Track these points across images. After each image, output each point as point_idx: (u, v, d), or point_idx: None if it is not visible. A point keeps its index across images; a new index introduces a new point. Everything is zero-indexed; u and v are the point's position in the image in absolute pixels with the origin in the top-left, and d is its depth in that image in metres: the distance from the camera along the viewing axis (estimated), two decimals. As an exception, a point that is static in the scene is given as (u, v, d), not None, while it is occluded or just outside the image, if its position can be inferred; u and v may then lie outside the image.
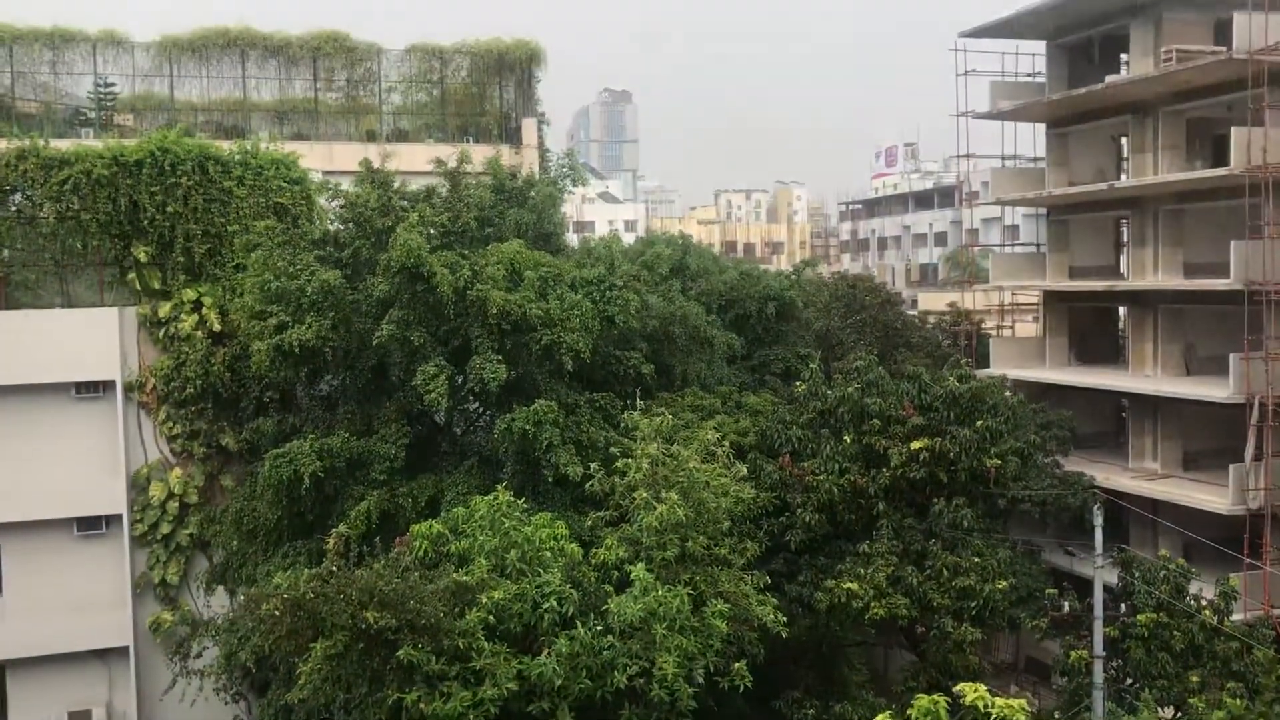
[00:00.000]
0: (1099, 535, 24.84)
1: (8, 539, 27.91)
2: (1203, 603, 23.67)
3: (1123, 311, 38.08)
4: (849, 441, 26.30)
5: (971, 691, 14.21)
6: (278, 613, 18.03)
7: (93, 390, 28.29)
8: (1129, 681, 23.64)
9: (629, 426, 22.81)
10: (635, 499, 20.33)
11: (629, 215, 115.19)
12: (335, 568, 19.12)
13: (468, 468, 25.17)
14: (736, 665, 19.11)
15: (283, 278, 24.81)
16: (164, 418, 28.63)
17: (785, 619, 20.98)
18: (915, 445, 25.48)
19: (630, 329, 26.37)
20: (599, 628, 18.09)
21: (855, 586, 23.85)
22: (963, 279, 44.70)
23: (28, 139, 28.07)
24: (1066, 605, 25.08)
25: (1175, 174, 31.65)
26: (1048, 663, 28.21)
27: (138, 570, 28.56)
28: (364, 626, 17.45)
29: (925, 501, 25.91)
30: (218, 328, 28.34)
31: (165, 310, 28.46)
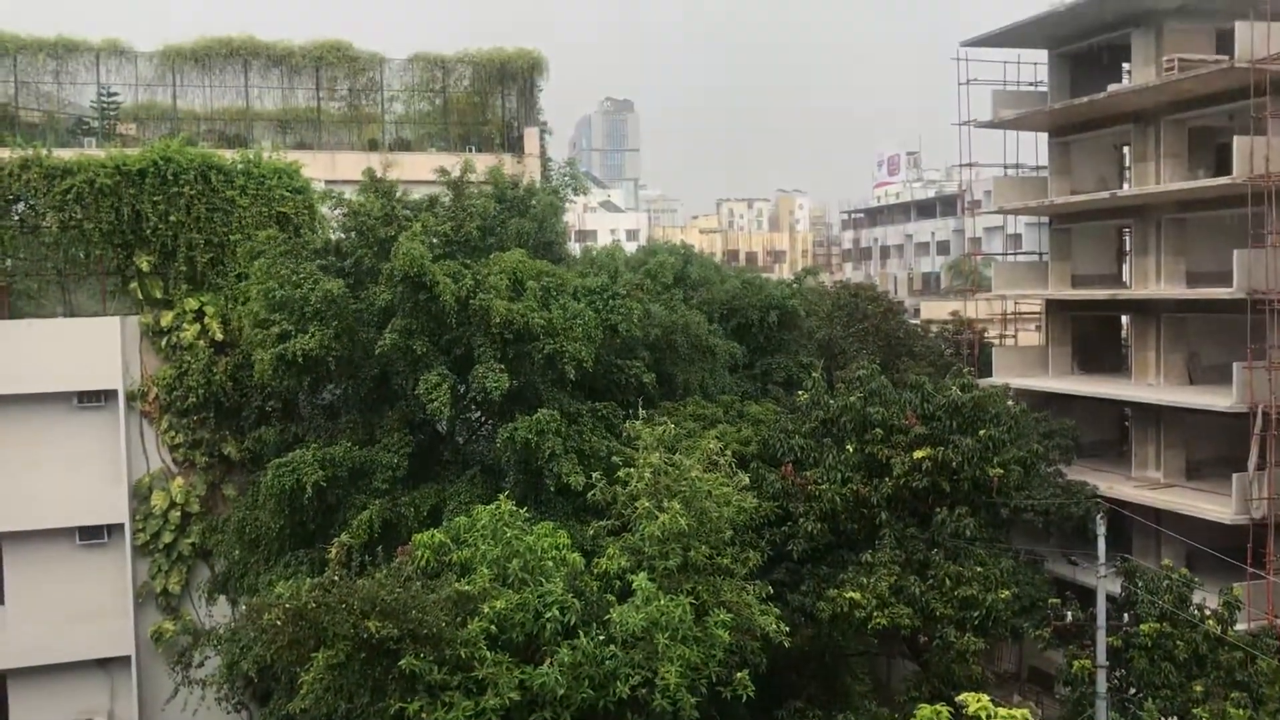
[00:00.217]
0: (1102, 545, 24.79)
1: (10, 548, 27.91)
2: (1206, 612, 23.62)
3: (1125, 320, 38.05)
4: (851, 451, 26.29)
5: (974, 701, 14.21)
6: (280, 622, 18.03)
7: (95, 399, 28.30)
8: (1132, 691, 23.57)
9: (631, 436, 22.80)
10: (637, 508, 20.32)
11: (631, 224, 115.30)
12: (337, 577, 19.13)
13: (470, 477, 25.15)
14: (739, 675, 19.07)
15: (286, 286, 24.83)
16: (166, 427, 28.64)
17: (788, 628, 20.96)
18: (918, 454, 25.47)
19: (633, 338, 26.38)
20: (601, 637, 18.07)
21: (858, 596, 23.82)
22: (965, 287, 44.74)
23: (31, 148, 28.12)
24: (1069, 615, 25.05)
25: (1177, 183, 31.65)
26: (1051, 672, 28.15)
27: (139, 579, 28.55)
28: (366, 636, 17.44)
29: (928, 511, 25.88)
30: (220, 337, 28.36)
31: (167, 319, 28.49)
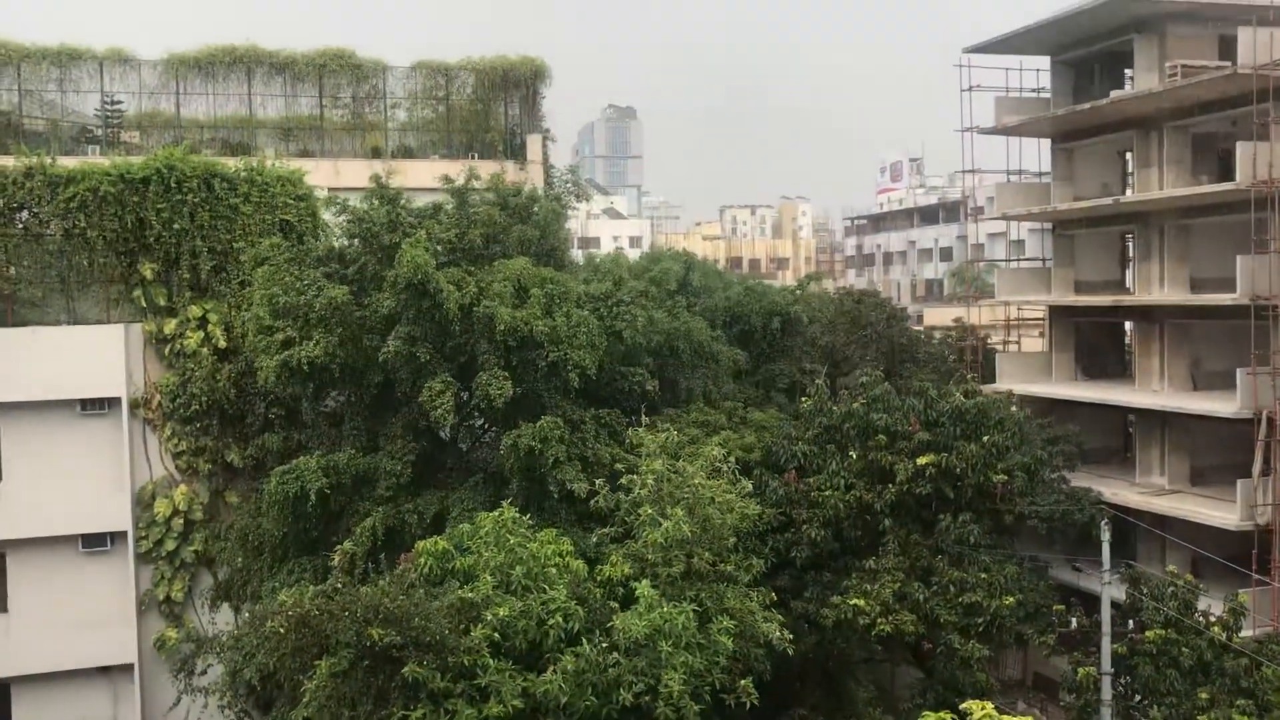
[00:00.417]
0: (1106, 551, 24.76)
1: (14, 556, 27.91)
2: (1211, 619, 23.56)
3: (1129, 326, 38.02)
4: (855, 457, 26.27)
5: (979, 708, 14.17)
6: (283, 630, 18.02)
7: (98, 407, 28.33)
8: (1137, 698, 23.52)
9: (634, 443, 22.80)
10: (640, 515, 20.33)
11: (634, 231, 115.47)
12: (340, 584, 19.13)
13: (473, 484, 25.14)
14: (742, 682, 19.05)
15: (290, 293, 24.85)
16: (169, 434, 28.65)
17: (791, 635, 20.95)
18: (921, 461, 25.44)
19: (636, 345, 26.39)
20: (604, 645, 18.04)
21: (861, 603, 23.79)
22: (968, 294, 44.68)
23: (35, 156, 28.18)
24: (1074, 621, 24.99)
25: (1180, 189, 31.64)
26: (1056, 679, 28.06)
27: (143, 587, 28.54)
28: (369, 644, 17.43)
29: (932, 517, 25.84)
30: (223, 344, 28.39)
31: (171, 327, 28.52)
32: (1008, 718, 14.04)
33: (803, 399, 28.78)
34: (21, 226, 28.30)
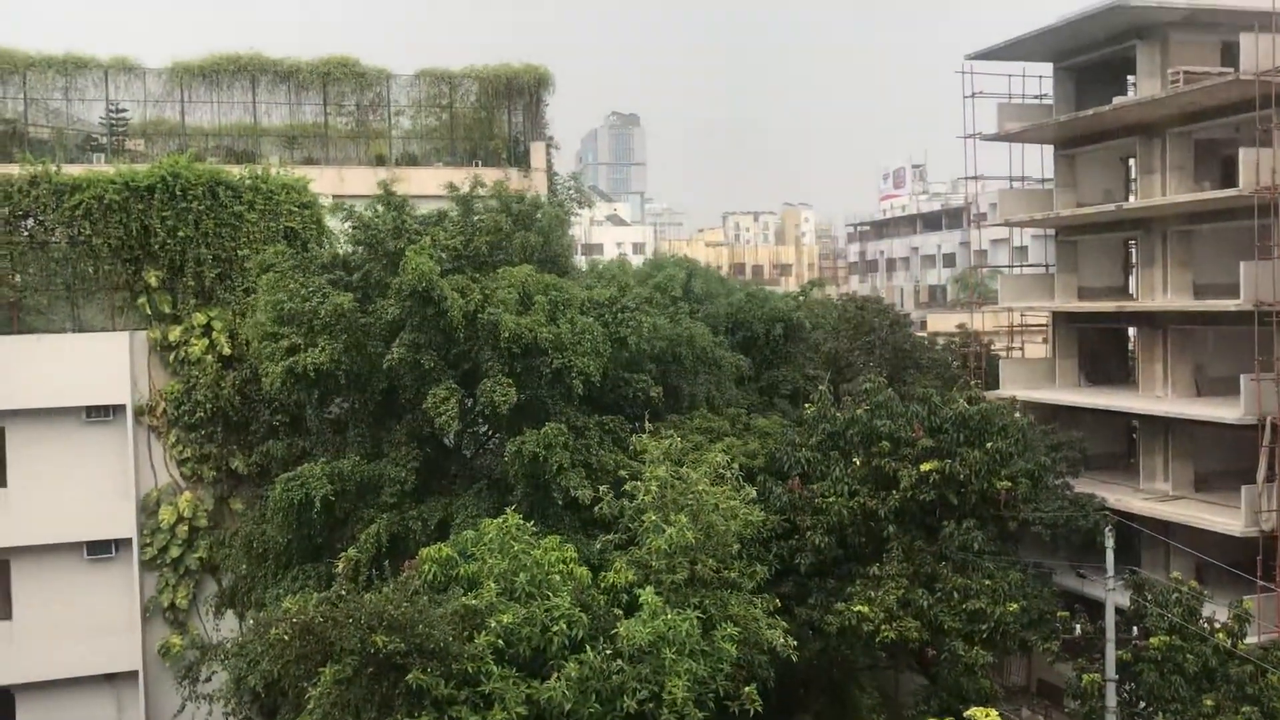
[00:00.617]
0: (1110, 557, 24.74)
1: (18, 563, 27.97)
2: (1216, 625, 23.53)
3: (1132, 332, 38.00)
4: (858, 464, 26.26)
5: (983, 715, 14.20)
6: (287, 637, 18.03)
7: (103, 414, 28.40)
8: (1142, 705, 23.49)
9: (638, 449, 22.81)
10: (644, 522, 20.32)
11: (637, 238, 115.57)
12: (344, 591, 19.15)
13: (477, 491, 25.16)
14: (746, 689, 19.04)
15: (295, 300, 24.92)
16: (174, 441, 28.72)
17: (795, 642, 20.93)
18: (925, 467, 25.43)
19: (640, 351, 26.42)
20: (608, 651, 18.03)
21: (865, 609, 23.78)
22: (971, 300, 44.68)
23: (40, 165, 28.29)
24: (1078, 628, 24.97)
25: (1183, 195, 31.64)
26: (1060, 686, 28.01)
27: (147, 594, 28.59)
28: (373, 651, 17.44)
29: (935, 524, 25.84)
30: (228, 351, 28.46)
31: (176, 334, 28.59)
32: (1012, 724, 14.07)
33: (806, 405, 28.78)
34: (27, 234, 28.42)
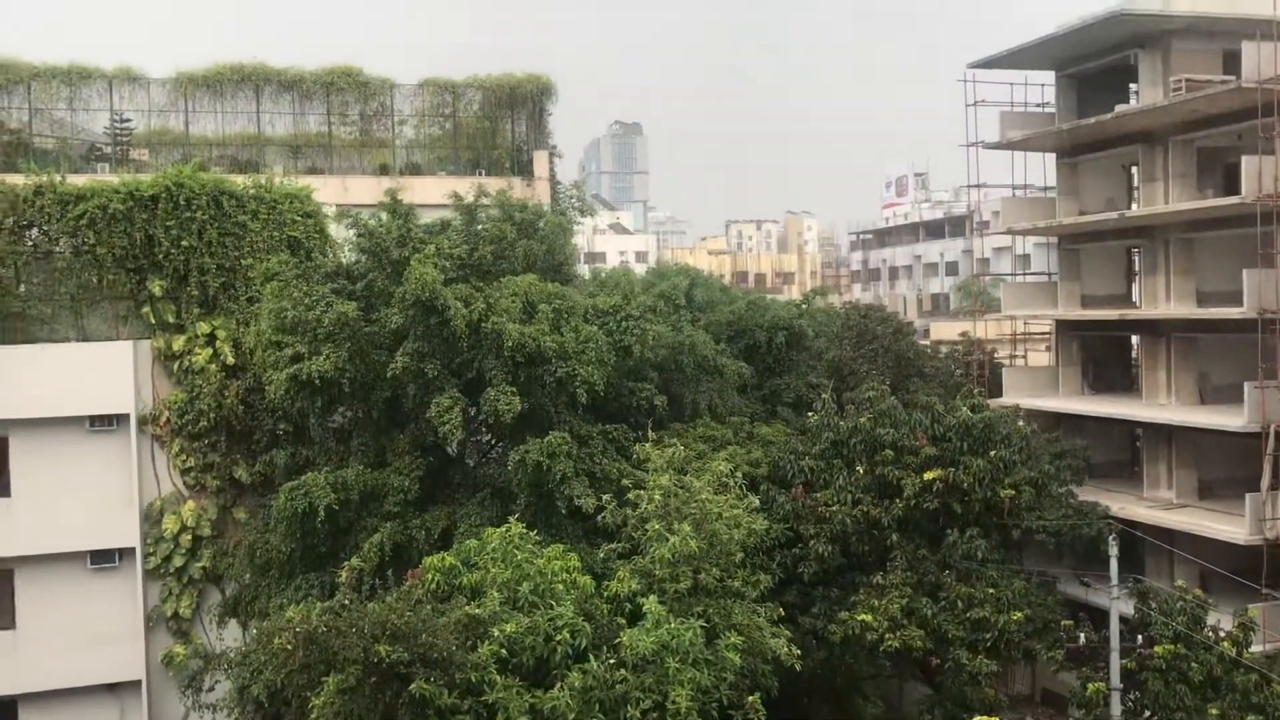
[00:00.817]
0: (1114, 566, 24.70)
1: (21, 572, 27.97)
2: (1221, 634, 23.46)
3: (1135, 340, 37.97)
4: (862, 472, 26.24)
5: (987, 725, 14.15)
6: (290, 646, 18.02)
7: (107, 423, 28.43)
8: (1147, 714, 23.41)
9: (641, 458, 22.80)
10: (648, 531, 20.31)
11: (640, 246, 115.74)
12: (348, 601, 19.13)
13: (480, 500, 25.16)
14: (750, 699, 19.01)
15: (299, 308, 24.96)
16: (177, 450, 28.74)
17: (799, 651, 20.90)
18: (928, 476, 25.41)
19: (643, 359, 26.43)
20: (612, 661, 18.02)
21: (869, 618, 23.73)
22: (974, 308, 44.66)
23: (45, 175, 28.37)
24: (1083, 636, 24.89)
25: (1186, 203, 31.65)
26: (1064, 695, 27.91)
27: (150, 604, 28.58)
28: (376, 660, 17.43)
29: (939, 532, 25.81)
30: (231, 361, 28.49)
31: (179, 343, 28.63)
32: (1016, 734, 14.03)
33: (809, 414, 28.77)
34: (31, 244, 28.49)
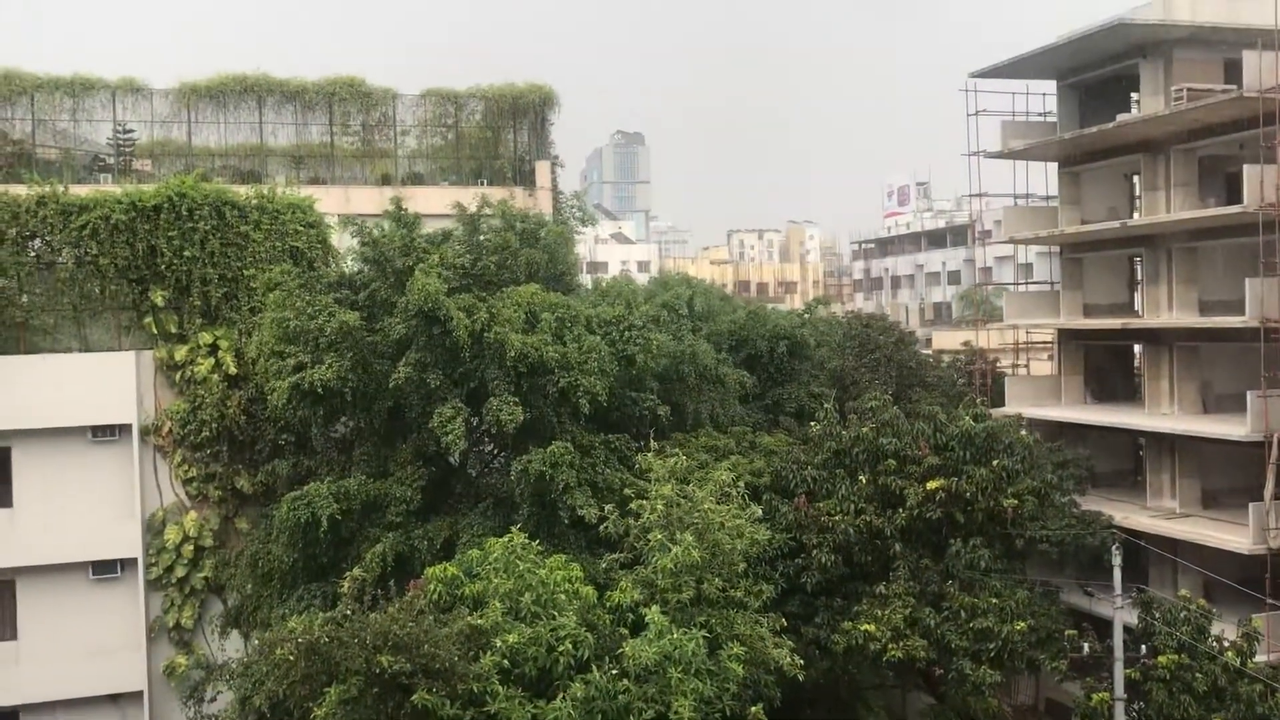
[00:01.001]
0: (1118, 575, 24.65)
1: (23, 583, 27.94)
2: (1225, 644, 23.41)
3: (1138, 349, 37.92)
4: (864, 482, 26.22)
5: (991, 736, 14.11)
6: (292, 657, 18.01)
7: (109, 434, 28.42)
8: (1151, 724, 23.35)
9: (644, 468, 22.79)
10: (650, 540, 20.29)
11: (642, 256, 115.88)
12: (350, 611, 19.10)
13: (483, 509, 25.15)
14: (753, 709, 19.00)
15: (301, 318, 24.98)
16: (179, 461, 28.73)
17: (802, 661, 20.87)
18: (931, 485, 25.39)
19: (646, 369, 26.45)
20: (614, 671, 18.00)
21: (872, 628, 23.69)
22: (977, 317, 44.65)
23: (47, 185, 28.42)
24: (1086, 646, 24.85)
25: (1188, 212, 31.63)
26: (1069, 705, 27.88)
27: (152, 614, 28.54)
28: (378, 671, 17.41)
29: (942, 542, 25.78)
30: (233, 371, 28.50)
31: (181, 354, 28.65)
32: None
33: (811, 423, 28.76)
34: (34, 254, 28.54)
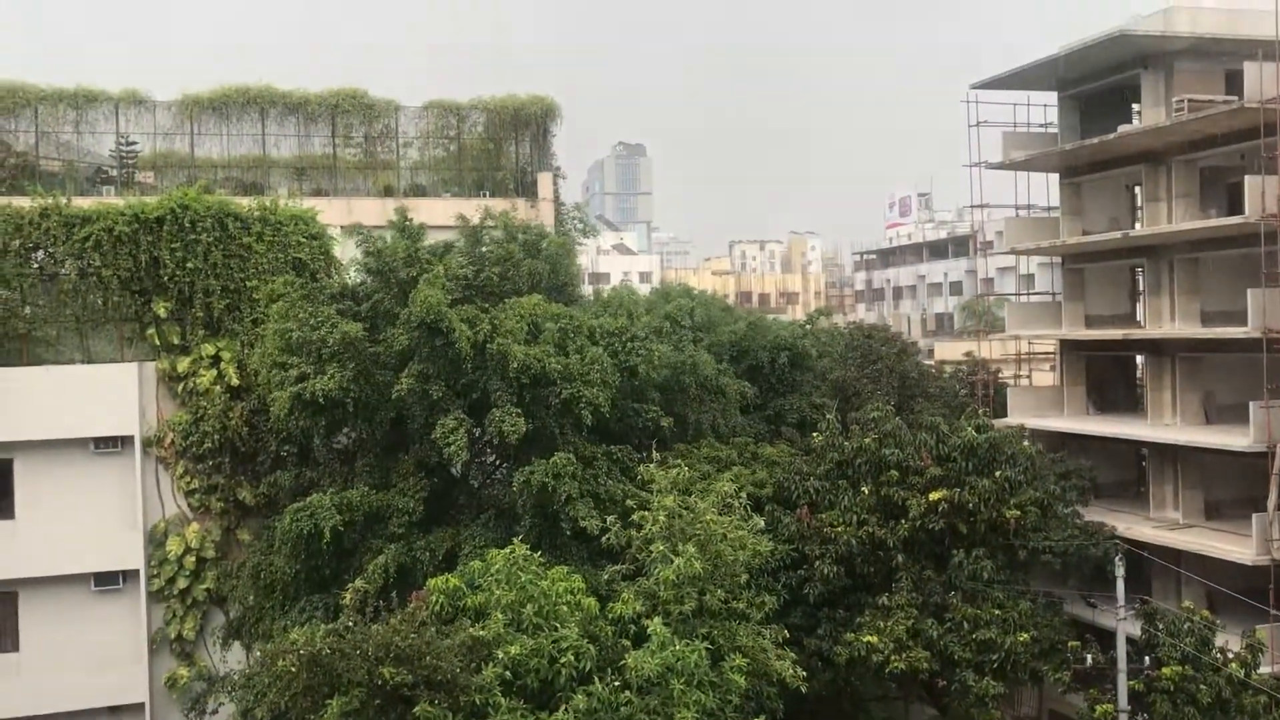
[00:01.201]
0: (1121, 586, 24.61)
1: (25, 594, 27.91)
2: (1229, 655, 23.35)
3: (1140, 360, 37.90)
4: (867, 493, 26.21)
5: (995, 748, 14.07)
6: (294, 669, 17.99)
7: (111, 445, 28.41)
8: (1155, 736, 23.28)
9: (646, 479, 22.78)
10: (652, 552, 20.27)
11: (644, 266, 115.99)
12: (352, 623, 19.09)
13: (485, 521, 25.14)
14: (756, 721, 18.93)
15: (304, 328, 25.00)
16: (182, 472, 28.72)
17: (804, 673, 20.84)
18: (934, 496, 25.37)
19: (648, 379, 26.45)
20: (616, 683, 17.97)
21: (875, 639, 23.66)
22: (979, 328, 44.67)
23: (50, 197, 28.48)
24: (1090, 658, 24.79)
25: (1189, 223, 31.65)
26: (1072, 717, 27.79)
27: (154, 626, 28.50)
28: (380, 683, 17.39)
29: (944, 553, 25.74)
30: (236, 382, 28.51)
31: (184, 365, 28.66)
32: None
33: (814, 434, 28.75)
34: (37, 266, 28.58)
